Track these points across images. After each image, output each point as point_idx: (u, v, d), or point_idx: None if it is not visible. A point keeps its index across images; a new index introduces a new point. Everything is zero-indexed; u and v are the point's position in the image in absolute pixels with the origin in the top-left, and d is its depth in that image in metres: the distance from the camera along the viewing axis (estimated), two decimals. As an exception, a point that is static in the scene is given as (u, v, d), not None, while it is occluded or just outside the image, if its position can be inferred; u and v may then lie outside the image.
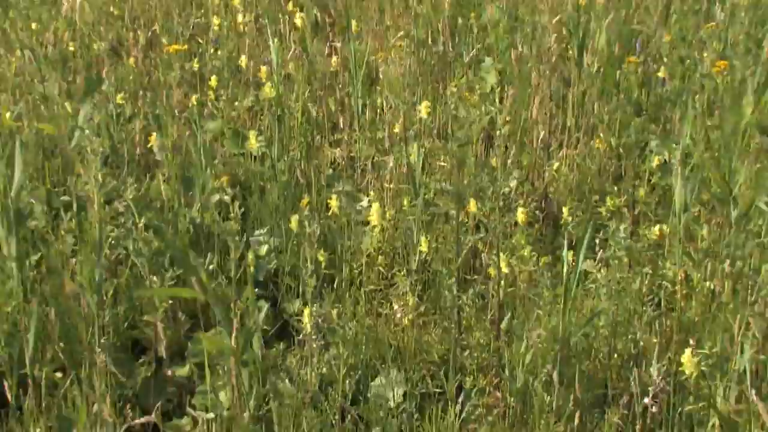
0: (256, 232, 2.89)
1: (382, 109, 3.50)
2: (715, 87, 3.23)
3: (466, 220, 2.68)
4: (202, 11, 4.53)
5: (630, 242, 2.33)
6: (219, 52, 3.81)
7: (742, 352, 2.01)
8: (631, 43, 3.82)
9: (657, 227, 2.55)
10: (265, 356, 2.26)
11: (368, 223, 2.64)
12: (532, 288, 2.43)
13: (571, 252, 2.11)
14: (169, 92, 3.58)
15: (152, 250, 2.50)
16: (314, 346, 2.17)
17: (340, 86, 3.79)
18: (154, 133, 2.88)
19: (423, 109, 2.92)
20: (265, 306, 2.46)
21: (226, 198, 2.61)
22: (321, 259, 2.35)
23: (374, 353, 2.39)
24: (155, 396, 2.30)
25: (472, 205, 2.52)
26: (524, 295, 2.45)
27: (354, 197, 3.11)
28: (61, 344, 2.27)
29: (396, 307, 2.49)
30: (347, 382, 2.20)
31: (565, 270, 2.06)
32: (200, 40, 4.05)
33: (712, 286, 2.35)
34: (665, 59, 3.63)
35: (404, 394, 2.24)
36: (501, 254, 2.36)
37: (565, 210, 2.56)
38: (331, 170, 3.32)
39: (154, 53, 4.03)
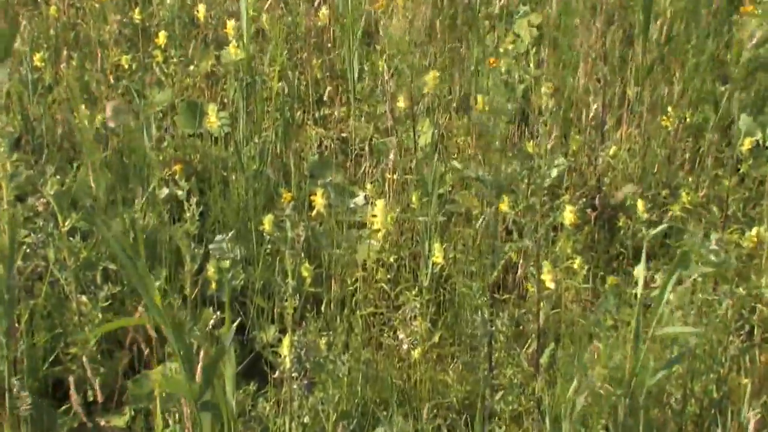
0: (218, 238, 2.89)
1: (384, 77, 3.50)
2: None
3: (495, 221, 2.68)
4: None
5: (713, 251, 2.33)
6: (169, 0, 3.81)
7: None
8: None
9: (749, 232, 2.54)
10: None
11: (365, 225, 2.64)
12: (583, 310, 2.43)
13: (640, 264, 2.11)
14: (103, 52, 3.58)
15: (80, 261, 2.50)
16: (295, 386, 2.17)
17: (330, 46, 3.80)
18: (83, 106, 2.88)
19: (429, 79, 2.93)
20: (229, 332, 2.46)
21: (179, 193, 2.61)
22: (305, 273, 2.35)
23: (374, 396, 2.39)
24: (84, 454, 2.31)
25: (504, 203, 2.52)
26: (573, 320, 2.44)
27: (346, 192, 3.11)
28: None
29: (402, 335, 2.49)
30: (338, 434, 2.20)
31: (638, 291, 2.06)
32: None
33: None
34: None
35: (414, 451, 2.25)
36: (542, 266, 2.36)
37: (639, 207, 2.55)
38: (316, 156, 3.32)
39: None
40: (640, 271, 2.06)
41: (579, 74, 3.42)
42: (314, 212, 2.60)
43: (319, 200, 2.56)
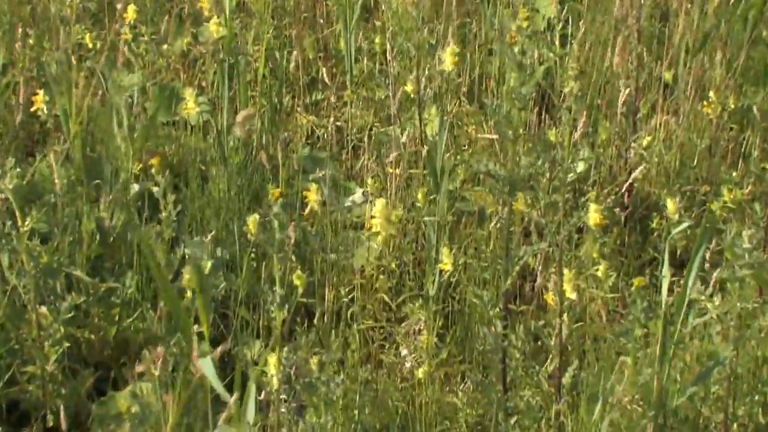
0: (196, 240, 2.91)
1: (385, 57, 3.52)
2: None
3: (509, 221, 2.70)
4: None
5: (758, 256, 2.34)
6: (139, -31, 3.82)
7: None
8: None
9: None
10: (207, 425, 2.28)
11: (364, 226, 2.66)
12: (610, 324, 2.45)
13: (669, 272, 2.14)
14: (65, 29, 3.59)
15: (40, 266, 2.51)
16: (283, 410, 2.19)
17: (323, 22, 3.81)
18: (41, 91, 2.90)
19: (447, 55, 2.94)
20: (210, 351, 2.49)
21: (155, 190, 2.63)
22: (296, 281, 2.36)
23: (373, 421, 2.42)
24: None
25: (521, 201, 2.54)
26: (599, 334, 2.46)
27: (342, 188, 3.14)
28: None
29: (405, 352, 2.51)
30: (333, 464, 2.22)
31: (663, 298, 2.08)
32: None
33: None
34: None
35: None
36: (564, 273, 2.38)
37: (669, 206, 2.58)
38: (308, 148, 3.35)
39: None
40: (663, 276, 2.08)
41: (610, 54, 3.42)
42: (306, 211, 2.61)
43: (311, 197, 2.58)
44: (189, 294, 2.43)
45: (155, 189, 2.37)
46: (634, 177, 3.12)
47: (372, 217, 2.49)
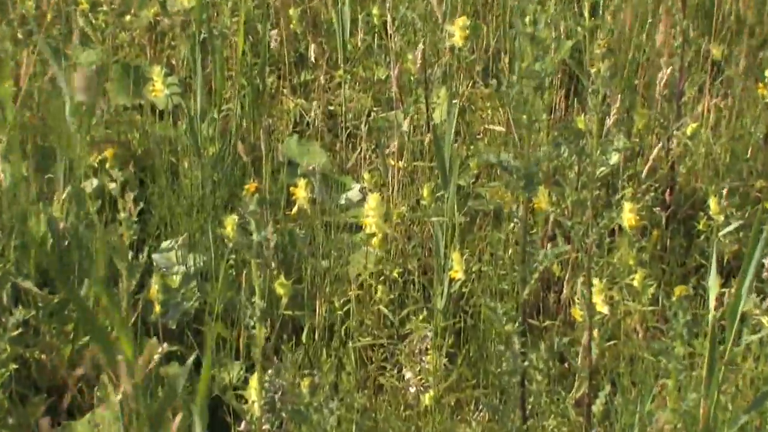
0: (165, 245, 2.92)
1: (385, 30, 3.53)
2: None
3: (532, 222, 2.71)
4: None
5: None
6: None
7: None
8: None
9: None
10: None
11: (362, 228, 2.67)
12: (649, 342, 2.45)
13: (717, 280, 2.14)
14: (12, -1, 3.61)
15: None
16: (267, 441, 2.19)
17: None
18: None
19: (457, 28, 2.94)
20: (180, 371, 2.50)
21: (112, 186, 2.63)
22: (280, 291, 2.37)
23: (372, 455, 2.43)
24: None
25: (543, 198, 2.54)
26: (635, 354, 2.47)
27: (336, 183, 3.15)
28: None
29: (409, 374, 2.51)
30: (325, 505, 2.22)
31: (710, 312, 2.09)
32: None
33: None
34: None
35: None
36: (594, 283, 2.39)
37: (712, 205, 2.58)
38: (295, 136, 3.36)
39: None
40: (711, 285, 2.08)
41: (650, 28, 3.41)
42: (294, 210, 2.62)
43: (299, 194, 2.59)
44: (157, 308, 2.44)
45: (111, 185, 2.37)
46: (677, 171, 3.12)
47: (365, 215, 2.48)
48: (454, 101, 2.91)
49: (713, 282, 2.12)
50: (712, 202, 2.57)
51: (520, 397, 2.40)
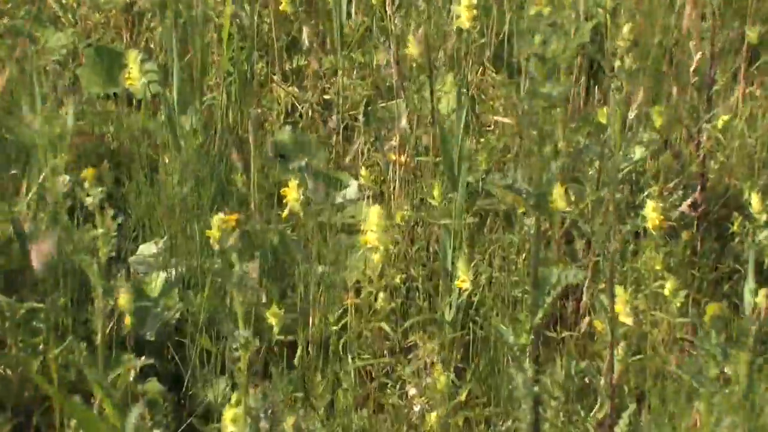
0: (143, 248, 2.92)
1: (385, 10, 3.52)
2: None
3: (546, 223, 2.70)
4: None
5: None
6: None
7: None
8: None
9: None
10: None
11: (360, 231, 2.66)
12: (678, 357, 2.44)
13: (755, 288, 2.14)
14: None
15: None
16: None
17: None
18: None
19: (463, 9, 2.94)
20: (158, 388, 2.49)
21: (89, 200, 2.62)
22: (271, 319, 2.35)
23: (373, 482, 2.43)
24: None
25: (560, 198, 2.54)
26: (662, 370, 2.47)
27: (332, 180, 3.15)
28: None
29: (414, 392, 2.51)
30: None
31: (747, 324, 2.08)
32: None
33: None
34: None
35: None
36: (617, 291, 2.39)
37: (754, 203, 2.57)
38: (287, 128, 3.35)
39: None
40: (748, 292, 2.07)
41: (678, 9, 3.41)
42: (285, 211, 2.62)
43: (291, 193, 2.58)
44: (128, 320, 2.43)
45: (88, 199, 2.35)
46: (708, 166, 3.12)
47: (365, 231, 2.46)
48: (462, 90, 2.90)
49: (751, 290, 2.12)
50: (755, 200, 2.56)
51: (533, 417, 2.39)
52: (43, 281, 2.75)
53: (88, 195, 2.29)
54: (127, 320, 2.41)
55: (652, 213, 2.41)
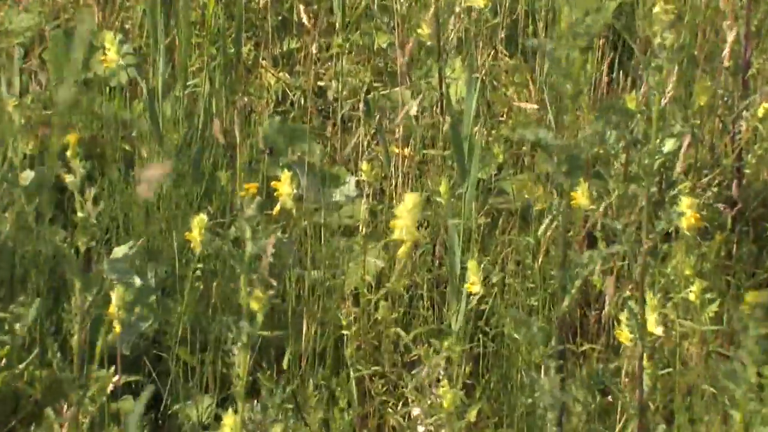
0: (117, 252, 2.91)
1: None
2: None
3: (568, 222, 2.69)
4: None
5: None
6: None
7: None
8: None
9: None
10: None
11: (359, 231, 2.66)
12: (711, 370, 2.44)
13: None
14: None
15: None
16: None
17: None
18: None
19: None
20: (136, 405, 2.48)
21: (69, 178, 2.62)
22: (253, 305, 2.34)
23: None
24: None
25: (582, 193, 2.53)
26: (695, 385, 2.45)
27: (328, 176, 3.14)
28: None
29: (418, 410, 2.51)
30: None
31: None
32: None
33: None
34: None
35: None
36: (646, 297, 2.38)
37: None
38: (278, 118, 3.34)
39: None
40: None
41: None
42: (276, 209, 2.61)
43: (283, 189, 2.58)
44: (117, 329, 2.42)
45: (69, 178, 2.34)
46: (745, 160, 3.11)
47: (394, 216, 2.43)
48: (473, 76, 2.90)
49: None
50: None
51: (558, 433, 2.40)
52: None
53: (68, 172, 2.28)
54: (117, 329, 2.38)
55: (686, 213, 2.39)
